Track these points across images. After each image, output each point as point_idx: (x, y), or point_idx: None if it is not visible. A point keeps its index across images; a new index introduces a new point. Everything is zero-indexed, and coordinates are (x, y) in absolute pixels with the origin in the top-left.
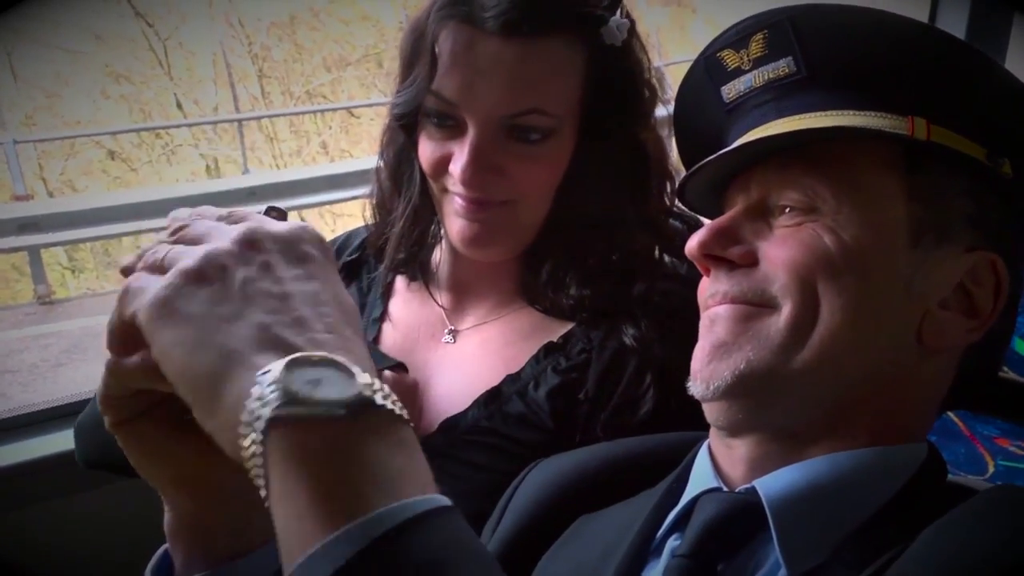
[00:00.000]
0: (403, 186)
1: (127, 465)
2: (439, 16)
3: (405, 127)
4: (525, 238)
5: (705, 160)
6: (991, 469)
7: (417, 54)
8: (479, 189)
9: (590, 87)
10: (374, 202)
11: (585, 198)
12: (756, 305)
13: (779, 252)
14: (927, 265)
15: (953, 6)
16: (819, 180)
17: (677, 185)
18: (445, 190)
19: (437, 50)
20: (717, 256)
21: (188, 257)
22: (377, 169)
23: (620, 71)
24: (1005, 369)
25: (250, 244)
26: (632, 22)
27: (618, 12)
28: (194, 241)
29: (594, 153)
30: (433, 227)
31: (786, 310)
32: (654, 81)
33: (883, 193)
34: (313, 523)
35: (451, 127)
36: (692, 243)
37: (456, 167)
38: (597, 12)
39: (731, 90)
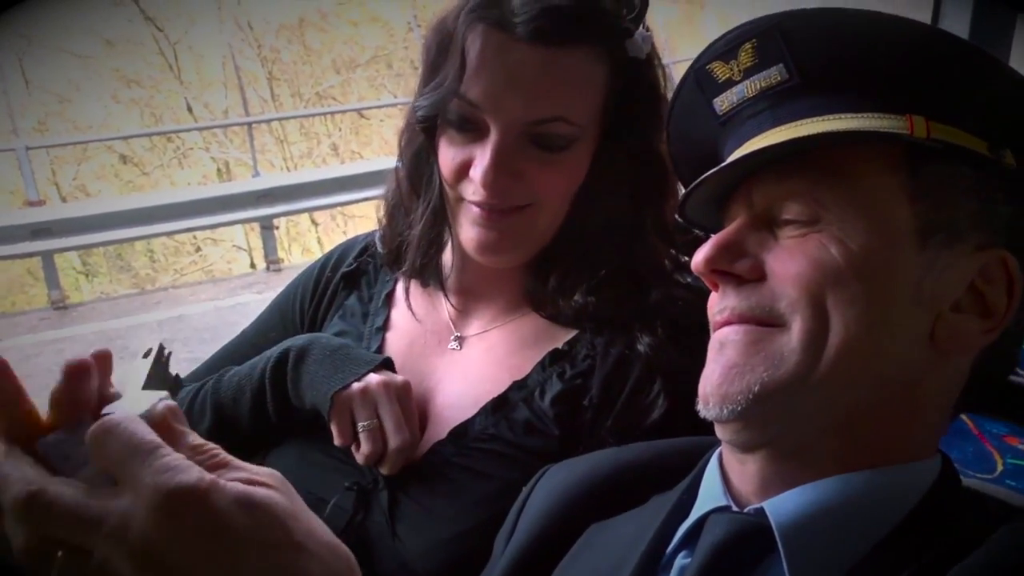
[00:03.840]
0: (422, 189)
1: None
2: (468, 19)
3: (426, 129)
4: (538, 244)
5: (706, 174)
6: (1000, 467)
7: (443, 56)
8: (498, 194)
9: (612, 98)
10: (389, 204)
11: (600, 207)
12: (765, 324)
13: (786, 266)
14: (937, 267)
15: (956, 8)
16: (821, 188)
17: (679, 201)
18: (461, 199)
19: (465, 53)
20: (724, 271)
21: None
22: (396, 170)
23: (642, 83)
24: (1019, 371)
25: None
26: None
27: (642, 25)
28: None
29: (612, 163)
30: (444, 231)
31: (796, 327)
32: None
33: (887, 196)
34: None
35: (472, 131)
36: (698, 258)
37: (477, 171)
38: (624, 24)
39: (724, 102)
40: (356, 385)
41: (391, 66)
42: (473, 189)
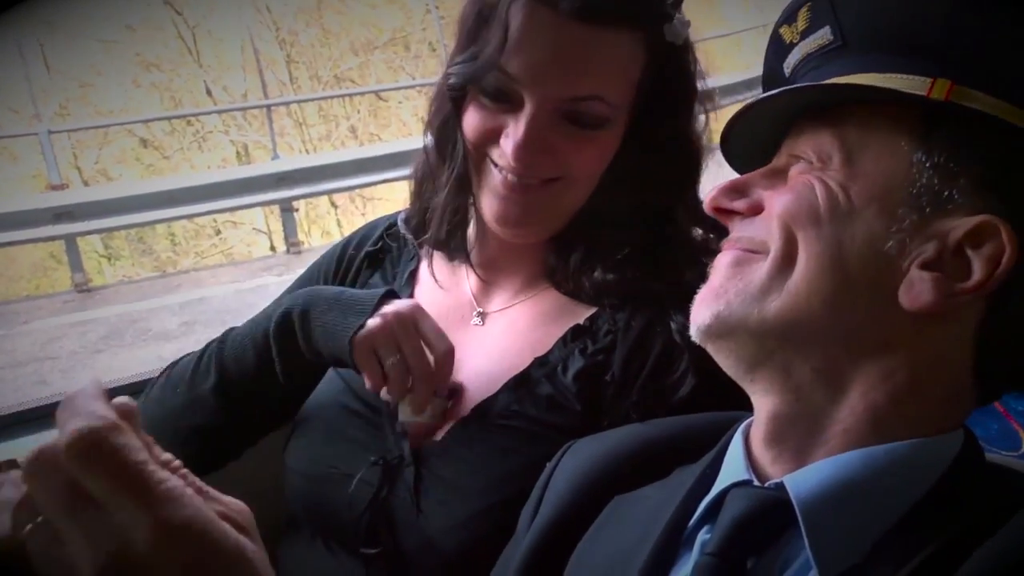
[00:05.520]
0: (447, 157)
1: None
2: None
3: (455, 98)
4: (559, 221)
5: (729, 120)
6: None
7: (483, 26)
8: (527, 167)
9: (647, 81)
10: (418, 175)
11: (627, 188)
12: (751, 251)
13: (774, 200)
14: (919, 224)
15: None
16: (830, 138)
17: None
18: (484, 159)
19: (508, 25)
20: (726, 209)
21: None
22: (424, 143)
23: (676, 68)
24: None
25: None
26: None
27: (679, 10)
28: None
29: (641, 145)
30: (469, 203)
31: (770, 255)
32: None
33: (887, 151)
34: None
35: (505, 101)
36: (706, 200)
37: (509, 143)
38: (665, 9)
39: (788, 65)
40: (372, 322)
41: (409, 48)
42: (500, 153)
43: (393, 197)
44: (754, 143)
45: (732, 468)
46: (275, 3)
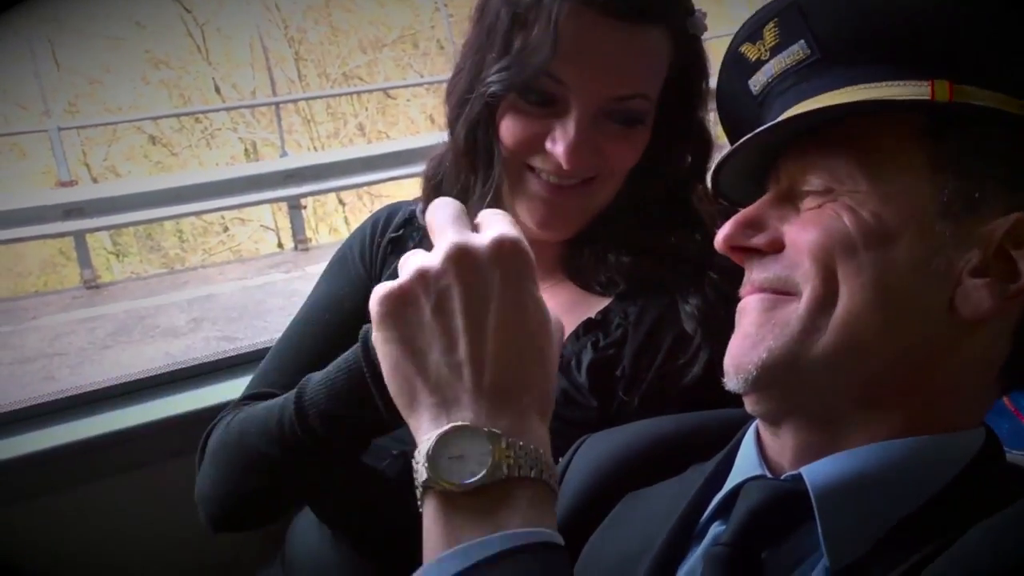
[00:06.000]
0: (480, 165)
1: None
2: None
3: (490, 104)
4: (591, 216)
5: (722, 156)
6: None
7: (520, 30)
8: (578, 169)
9: (672, 74)
10: (435, 178)
11: (650, 178)
12: (781, 293)
13: (800, 236)
14: (958, 234)
15: None
16: (839, 160)
17: (710, 183)
18: (521, 165)
19: (558, 29)
20: (743, 246)
21: (404, 272)
22: (446, 145)
23: (695, 59)
24: None
25: (448, 265)
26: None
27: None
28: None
29: (665, 136)
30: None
31: (805, 295)
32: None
33: (905, 165)
34: (436, 542)
35: (550, 105)
36: (718, 237)
37: (559, 147)
38: (688, 3)
39: (756, 83)
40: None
41: (417, 46)
42: (543, 159)
43: (400, 195)
44: (738, 173)
45: (745, 464)
46: (284, 1)
